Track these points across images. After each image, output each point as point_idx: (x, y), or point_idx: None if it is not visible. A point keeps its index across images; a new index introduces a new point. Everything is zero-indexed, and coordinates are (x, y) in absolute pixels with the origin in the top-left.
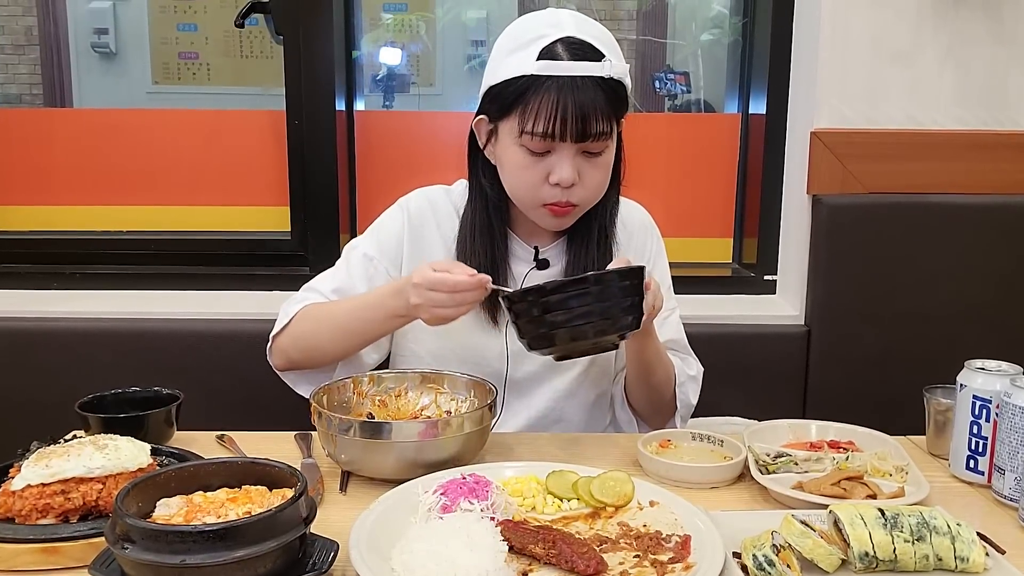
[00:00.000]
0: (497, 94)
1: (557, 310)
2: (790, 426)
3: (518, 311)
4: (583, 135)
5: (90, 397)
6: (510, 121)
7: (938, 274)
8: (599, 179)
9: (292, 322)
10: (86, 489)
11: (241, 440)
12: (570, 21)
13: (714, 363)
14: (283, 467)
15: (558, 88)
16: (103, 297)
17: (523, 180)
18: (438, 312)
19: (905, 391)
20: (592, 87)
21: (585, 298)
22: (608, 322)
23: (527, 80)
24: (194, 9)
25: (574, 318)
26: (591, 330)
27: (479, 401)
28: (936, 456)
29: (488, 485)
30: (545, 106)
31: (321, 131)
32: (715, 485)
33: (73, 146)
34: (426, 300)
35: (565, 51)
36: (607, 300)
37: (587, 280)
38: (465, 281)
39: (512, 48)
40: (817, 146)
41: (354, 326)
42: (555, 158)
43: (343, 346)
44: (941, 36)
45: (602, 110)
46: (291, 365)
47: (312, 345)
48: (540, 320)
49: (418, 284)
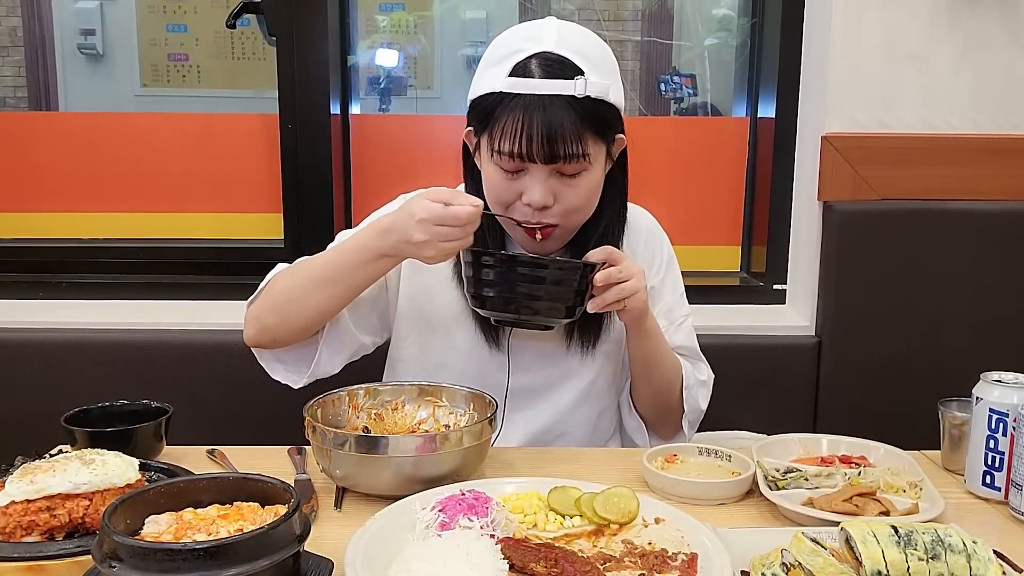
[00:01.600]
0: (473, 108)
1: (520, 282)
2: (800, 440)
3: (476, 269)
4: (551, 156)
5: (76, 410)
6: (485, 138)
7: (953, 283)
8: (578, 201)
9: (268, 284)
10: (72, 506)
11: (232, 455)
12: (551, 35)
13: (722, 375)
14: (276, 483)
15: (524, 106)
16: (90, 307)
17: (497, 198)
18: (447, 247)
19: (919, 404)
20: (562, 106)
21: (538, 279)
22: (547, 304)
23: (497, 97)
24: (184, 9)
25: (520, 294)
26: (525, 308)
27: (479, 414)
28: (951, 471)
29: (488, 501)
30: (511, 125)
31: (315, 135)
32: (723, 501)
33: (59, 151)
34: (434, 235)
35: (538, 67)
36: (555, 286)
37: (547, 264)
38: (473, 212)
39: (490, 62)
40: (828, 151)
41: (335, 271)
42: (528, 179)
43: (321, 297)
44: (956, 37)
45: (572, 130)
46: (264, 335)
47: (289, 299)
48: (497, 284)
49: (424, 220)
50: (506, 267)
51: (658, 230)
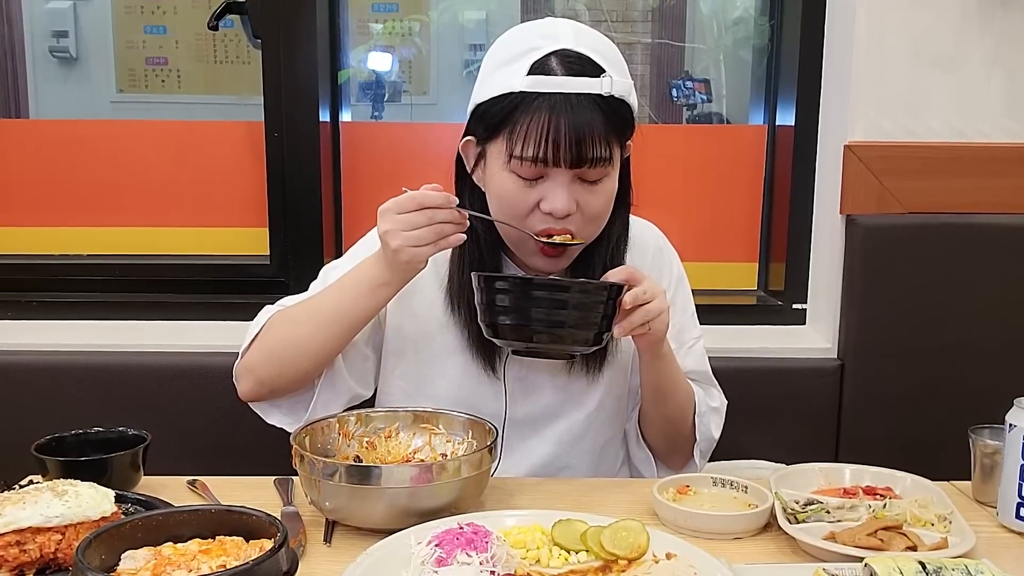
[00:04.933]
0: (484, 113)
1: (533, 307)
2: (821, 470)
3: (490, 294)
4: (579, 160)
5: (48, 438)
6: (498, 144)
7: (985, 302)
8: (599, 208)
9: (260, 333)
10: (43, 540)
11: (214, 486)
12: (568, 32)
13: (737, 401)
14: (261, 515)
15: (550, 107)
16: (62, 328)
17: (512, 209)
18: (413, 235)
19: (948, 431)
20: (589, 106)
21: (558, 303)
22: (567, 332)
23: (516, 98)
24: (163, 10)
25: (540, 321)
26: (548, 336)
27: (478, 443)
28: (983, 503)
29: (488, 535)
30: (535, 127)
31: (303, 144)
32: (738, 535)
33: (29, 160)
34: (396, 224)
35: (559, 65)
36: (578, 310)
37: (567, 287)
38: (431, 194)
39: (501, 61)
40: (851, 161)
41: (333, 309)
42: (548, 185)
43: (322, 338)
44: (988, 39)
45: (600, 132)
46: (261, 388)
47: (286, 346)
48: (512, 312)
49: (385, 209)
50: (522, 291)
51: (666, 246)
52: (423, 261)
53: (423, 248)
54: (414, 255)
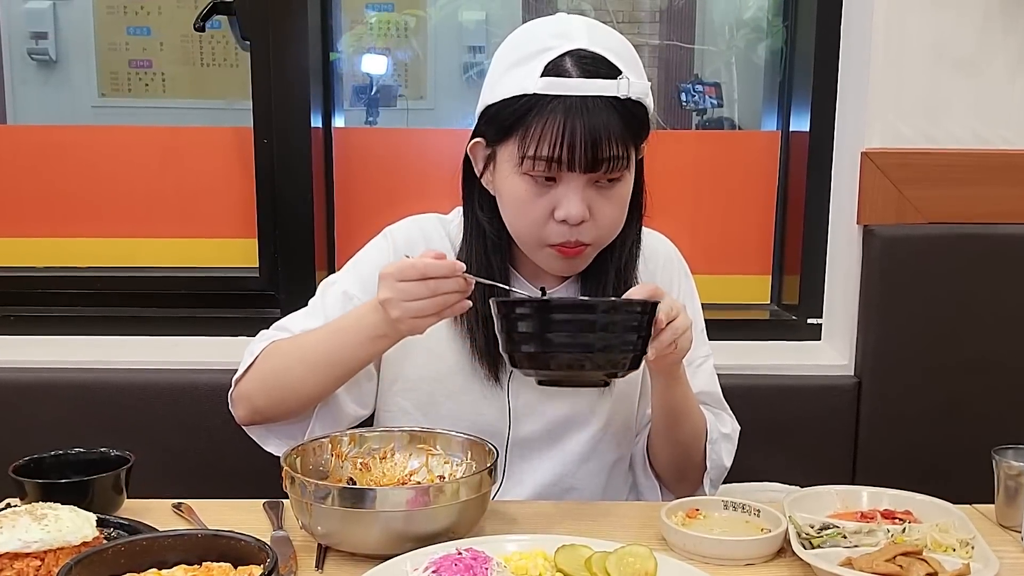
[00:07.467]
0: (495, 114)
1: (559, 331)
2: (838, 493)
3: (511, 321)
4: (594, 164)
5: (26, 459)
6: (509, 146)
7: (1009, 317)
8: (614, 214)
9: (257, 361)
10: (21, 566)
11: (201, 509)
12: (582, 30)
13: (750, 420)
14: (250, 540)
15: (565, 109)
16: (41, 343)
17: (525, 216)
18: (414, 307)
19: (970, 452)
20: (605, 108)
21: (588, 325)
22: (603, 356)
23: (529, 100)
24: (147, 10)
25: (569, 345)
26: (579, 362)
27: (477, 464)
28: (1007, 528)
29: (487, 562)
30: (550, 130)
31: (294, 151)
32: (751, 561)
33: (6, 168)
34: (397, 293)
35: (574, 66)
36: (611, 332)
37: (595, 307)
38: (435, 264)
39: (513, 61)
40: (869, 169)
41: (330, 354)
42: (561, 190)
43: (318, 381)
44: (1011, 41)
45: (617, 135)
46: (257, 416)
47: (282, 384)
48: (537, 338)
49: (386, 275)
50: (546, 315)
51: (676, 256)
52: (424, 330)
53: (424, 319)
54: (414, 326)
